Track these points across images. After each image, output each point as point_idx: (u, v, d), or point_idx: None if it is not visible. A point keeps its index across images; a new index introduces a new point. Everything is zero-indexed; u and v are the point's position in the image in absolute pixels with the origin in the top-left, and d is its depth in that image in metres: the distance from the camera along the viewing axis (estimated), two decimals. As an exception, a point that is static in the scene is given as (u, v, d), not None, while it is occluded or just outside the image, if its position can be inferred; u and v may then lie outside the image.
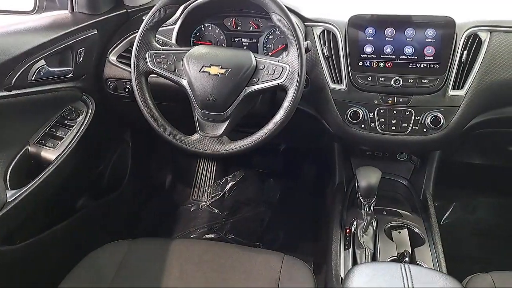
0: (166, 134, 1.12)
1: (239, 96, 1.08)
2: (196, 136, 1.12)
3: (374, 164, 1.39)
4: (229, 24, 1.37)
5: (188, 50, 1.12)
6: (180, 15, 1.31)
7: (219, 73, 1.07)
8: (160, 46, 1.14)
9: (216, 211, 2.02)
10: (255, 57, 1.09)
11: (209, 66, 1.08)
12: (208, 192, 2.08)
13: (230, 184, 2.08)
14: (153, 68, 1.12)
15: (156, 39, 1.20)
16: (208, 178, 2.11)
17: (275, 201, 2.07)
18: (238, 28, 1.38)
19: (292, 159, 2.12)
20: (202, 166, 2.13)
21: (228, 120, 1.10)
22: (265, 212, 2.02)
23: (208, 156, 1.12)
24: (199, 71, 1.08)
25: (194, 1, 1.27)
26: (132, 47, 1.13)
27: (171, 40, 1.31)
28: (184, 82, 1.11)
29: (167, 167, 2.09)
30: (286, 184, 2.11)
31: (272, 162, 2.15)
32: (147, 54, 1.12)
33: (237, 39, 1.39)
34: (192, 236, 1.89)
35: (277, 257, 1.11)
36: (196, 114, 1.12)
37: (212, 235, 1.92)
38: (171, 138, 1.11)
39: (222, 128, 1.10)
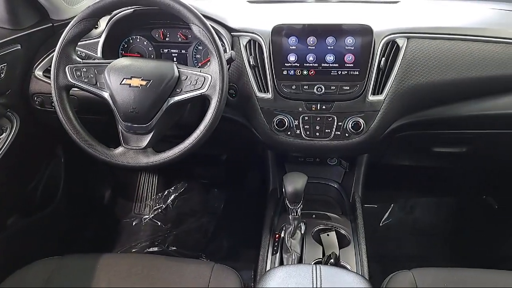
0: (88, 148, 1.10)
1: (162, 107, 1.09)
2: (120, 149, 1.11)
3: (307, 169, 1.43)
4: (156, 35, 1.37)
5: (110, 63, 1.12)
6: (105, 28, 1.30)
7: (140, 84, 1.07)
8: (80, 60, 1.13)
9: (159, 224, 2.01)
10: (177, 68, 1.11)
11: (130, 78, 1.08)
12: (150, 205, 2.06)
13: (172, 196, 2.07)
14: (73, 82, 1.10)
15: (79, 52, 1.19)
16: (150, 191, 2.09)
17: (220, 211, 2.08)
18: (167, 39, 1.38)
19: (235, 168, 2.14)
20: (143, 179, 2.10)
21: (153, 132, 1.10)
22: (209, 222, 2.02)
23: (133, 169, 1.11)
24: (120, 84, 1.08)
25: (117, 14, 1.27)
26: None
27: (97, 53, 1.30)
28: (106, 95, 1.10)
29: (106, 181, 2.05)
30: (230, 194, 2.13)
31: (215, 172, 2.15)
32: (67, 68, 1.11)
33: (166, 51, 1.39)
34: (133, 250, 1.86)
35: (206, 266, 1.11)
36: (119, 126, 1.12)
37: (155, 248, 1.90)
38: (94, 151, 1.10)
39: (146, 140, 1.10)
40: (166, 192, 2.09)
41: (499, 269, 1.12)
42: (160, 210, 2.05)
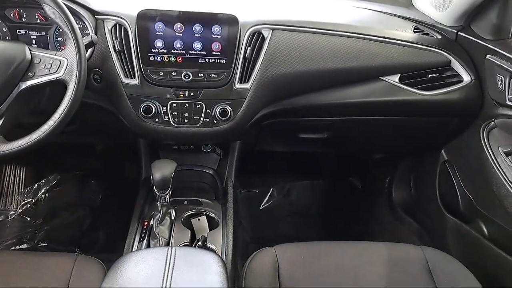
0: None
1: (12, 92, 1.01)
2: (-38, 138, 1.01)
3: (182, 157, 1.43)
4: (11, 15, 1.26)
5: None
6: None
7: (-16, 68, 0.99)
8: None
9: (29, 219, 1.87)
10: (30, 50, 1.04)
11: None
12: (18, 200, 1.90)
13: (43, 190, 1.94)
14: None
15: None
16: (17, 185, 1.93)
17: (97, 204, 2.00)
18: (23, 20, 1.27)
19: (112, 158, 2.06)
20: (8, 172, 1.94)
21: (2, 119, 1.02)
22: (85, 216, 1.94)
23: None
24: None
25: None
26: None
27: None
28: None
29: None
30: (108, 185, 2.05)
31: (91, 163, 2.06)
32: None
33: (24, 32, 1.29)
34: (-2, 249, 1.72)
35: (69, 259, 1.07)
36: (-39, 114, 1.02)
37: (25, 245, 1.77)
38: None
39: None
40: (36, 185, 1.95)
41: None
42: (29, 205, 1.91)
